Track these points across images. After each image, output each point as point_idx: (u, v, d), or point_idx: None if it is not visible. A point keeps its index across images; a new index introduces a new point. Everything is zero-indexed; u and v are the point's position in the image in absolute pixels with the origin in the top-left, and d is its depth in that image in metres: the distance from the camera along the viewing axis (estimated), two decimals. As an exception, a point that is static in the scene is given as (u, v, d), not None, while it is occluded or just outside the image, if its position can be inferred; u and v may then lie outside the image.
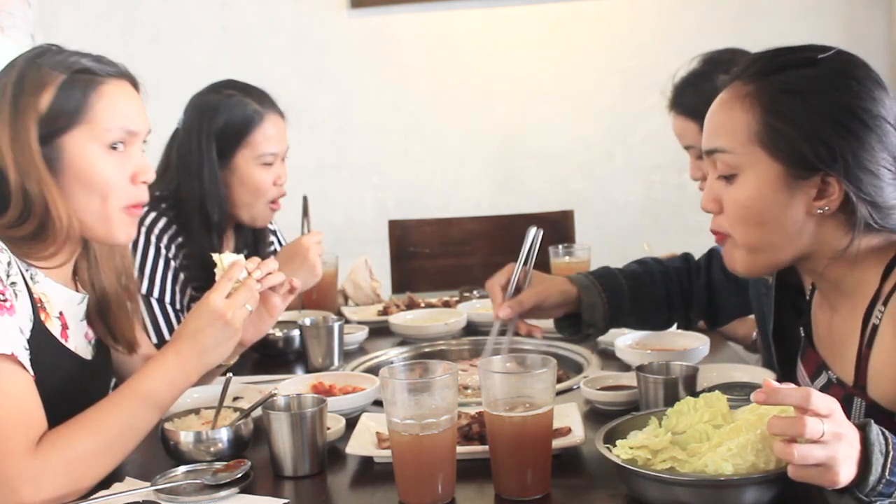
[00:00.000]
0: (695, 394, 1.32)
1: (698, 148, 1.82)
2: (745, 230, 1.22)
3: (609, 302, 1.58)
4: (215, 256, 1.45)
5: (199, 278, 2.04)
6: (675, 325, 1.75)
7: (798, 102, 1.17)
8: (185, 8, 3.68)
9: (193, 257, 2.04)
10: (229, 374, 1.45)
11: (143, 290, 1.95)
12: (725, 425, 1.15)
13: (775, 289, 1.41)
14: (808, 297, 1.35)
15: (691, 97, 1.85)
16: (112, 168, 1.35)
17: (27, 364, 1.23)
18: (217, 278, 1.41)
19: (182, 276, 2.04)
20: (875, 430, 1.02)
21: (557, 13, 3.61)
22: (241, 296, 1.38)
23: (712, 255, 1.69)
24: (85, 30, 3.65)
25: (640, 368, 1.43)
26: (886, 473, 1.01)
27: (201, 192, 2.04)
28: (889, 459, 1.01)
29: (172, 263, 2.02)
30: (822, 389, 1.18)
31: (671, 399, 1.33)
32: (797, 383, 1.21)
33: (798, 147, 1.16)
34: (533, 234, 1.54)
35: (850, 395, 1.21)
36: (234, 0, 3.68)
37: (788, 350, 1.41)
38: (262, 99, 2.11)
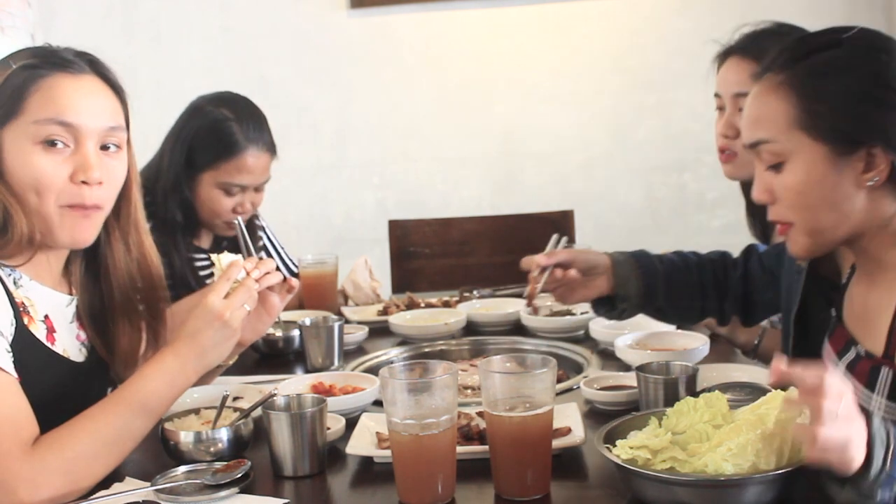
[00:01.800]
0: (695, 394, 1.32)
1: None
2: (803, 214, 1.25)
3: (643, 279, 1.62)
4: (213, 257, 1.45)
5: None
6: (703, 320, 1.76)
7: (831, 82, 1.21)
8: (185, 8, 3.68)
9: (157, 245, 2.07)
10: (226, 392, 1.45)
11: None
12: (725, 425, 1.15)
13: (806, 275, 1.43)
14: (844, 281, 1.37)
15: (768, 45, 1.81)
16: (45, 165, 1.29)
17: (10, 367, 1.23)
18: (215, 278, 1.41)
19: None
20: (877, 422, 1.02)
21: (557, 13, 3.61)
22: (240, 296, 1.37)
23: (751, 250, 1.71)
24: (85, 30, 3.64)
25: (640, 368, 1.43)
26: (887, 467, 1.00)
27: (165, 188, 2.06)
28: (889, 452, 1.01)
29: None
30: (850, 364, 1.26)
31: (671, 399, 1.33)
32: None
33: (838, 125, 1.19)
34: (557, 238, 1.64)
35: (878, 365, 1.23)
36: (234, 0, 3.68)
37: (809, 334, 1.43)
38: (252, 129, 2.10)
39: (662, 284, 1.63)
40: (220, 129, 2.07)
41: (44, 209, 1.30)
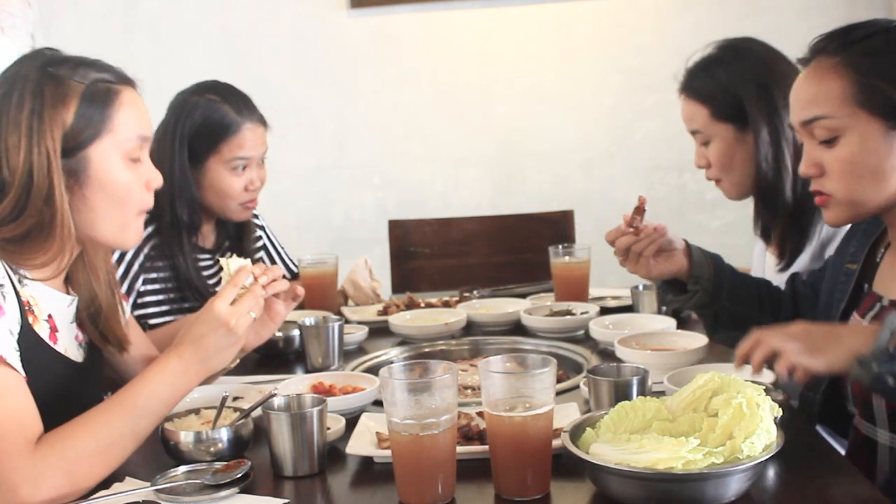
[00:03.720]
0: (645, 395, 1.33)
1: (705, 133, 1.89)
2: (849, 185, 1.33)
3: (714, 269, 1.68)
4: (222, 261, 1.46)
5: (161, 269, 2.08)
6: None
7: (888, 61, 1.30)
8: (185, 8, 3.68)
9: (160, 249, 2.08)
10: (226, 392, 1.45)
11: None
12: (673, 418, 1.19)
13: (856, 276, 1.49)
14: (878, 260, 1.45)
15: (703, 81, 1.89)
16: (131, 176, 1.37)
17: (18, 365, 1.23)
18: (223, 282, 1.42)
19: (146, 265, 2.07)
20: (892, 315, 1.19)
21: (557, 13, 3.61)
22: (246, 303, 1.38)
23: (795, 276, 1.77)
24: (85, 30, 3.65)
25: (591, 371, 1.43)
26: (890, 347, 1.17)
27: (171, 191, 2.07)
28: (894, 336, 1.17)
29: (140, 254, 2.06)
30: (874, 316, 1.38)
31: (622, 401, 1.32)
32: None
33: (894, 100, 1.28)
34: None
35: None
36: (234, 0, 3.68)
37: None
38: (241, 106, 2.13)
39: (728, 283, 1.69)
40: (212, 115, 2.10)
41: (123, 219, 1.38)
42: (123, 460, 1.28)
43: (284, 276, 1.50)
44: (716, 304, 1.70)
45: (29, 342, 1.29)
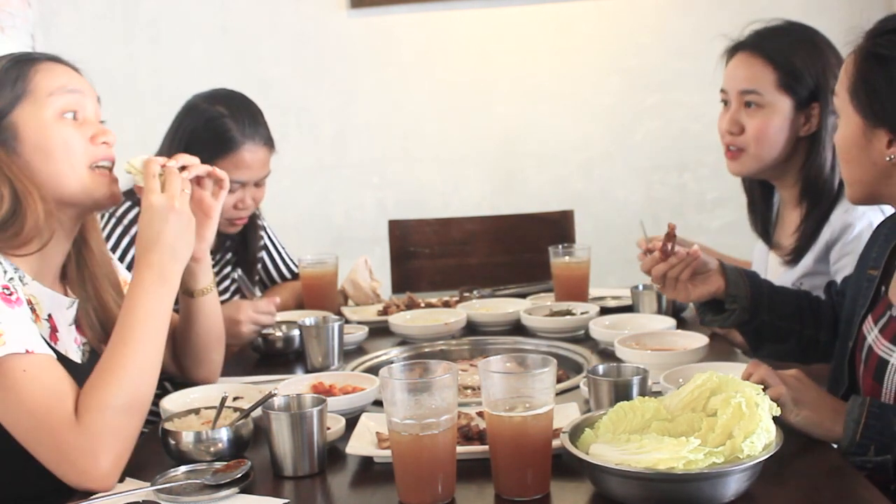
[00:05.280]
0: (644, 395, 1.33)
1: (761, 98, 1.84)
2: (844, 166, 1.44)
3: (751, 287, 1.66)
4: (125, 164, 1.45)
5: None
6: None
7: (881, 68, 1.34)
8: (185, 8, 3.67)
9: None
10: (226, 392, 1.46)
11: None
12: (672, 417, 1.19)
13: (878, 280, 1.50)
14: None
15: (779, 44, 1.85)
16: (67, 131, 1.37)
17: (43, 348, 1.26)
18: (136, 181, 1.44)
19: None
20: (851, 402, 1.27)
21: (557, 13, 3.61)
22: (174, 183, 1.39)
23: (831, 283, 1.76)
24: (85, 30, 3.64)
25: (591, 371, 1.43)
26: (857, 438, 1.25)
27: None
28: (861, 426, 1.25)
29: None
30: (884, 326, 1.41)
31: (622, 401, 1.32)
32: (857, 343, 1.46)
33: (871, 106, 1.35)
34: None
35: None
36: (233, 0, 3.68)
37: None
38: (247, 124, 2.08)
39: (767, 298, 1.66)
40: (214, 127, 2.05)
41: (75, 172, 1.36)
42: (155, 387, 1.31)
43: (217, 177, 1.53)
44: (755, 320, 1.67)
45: None
